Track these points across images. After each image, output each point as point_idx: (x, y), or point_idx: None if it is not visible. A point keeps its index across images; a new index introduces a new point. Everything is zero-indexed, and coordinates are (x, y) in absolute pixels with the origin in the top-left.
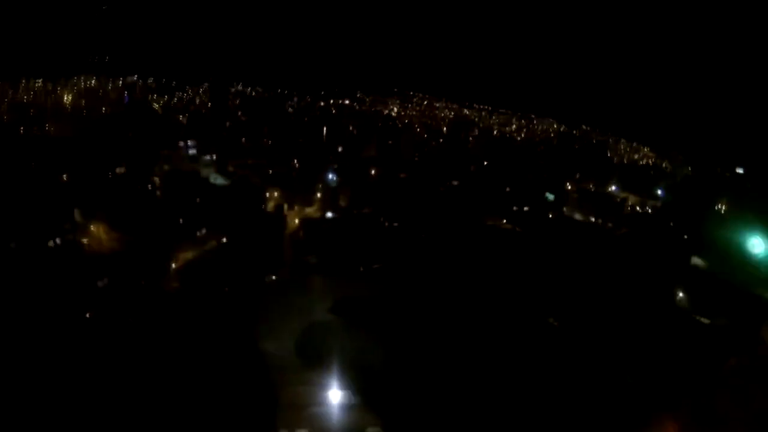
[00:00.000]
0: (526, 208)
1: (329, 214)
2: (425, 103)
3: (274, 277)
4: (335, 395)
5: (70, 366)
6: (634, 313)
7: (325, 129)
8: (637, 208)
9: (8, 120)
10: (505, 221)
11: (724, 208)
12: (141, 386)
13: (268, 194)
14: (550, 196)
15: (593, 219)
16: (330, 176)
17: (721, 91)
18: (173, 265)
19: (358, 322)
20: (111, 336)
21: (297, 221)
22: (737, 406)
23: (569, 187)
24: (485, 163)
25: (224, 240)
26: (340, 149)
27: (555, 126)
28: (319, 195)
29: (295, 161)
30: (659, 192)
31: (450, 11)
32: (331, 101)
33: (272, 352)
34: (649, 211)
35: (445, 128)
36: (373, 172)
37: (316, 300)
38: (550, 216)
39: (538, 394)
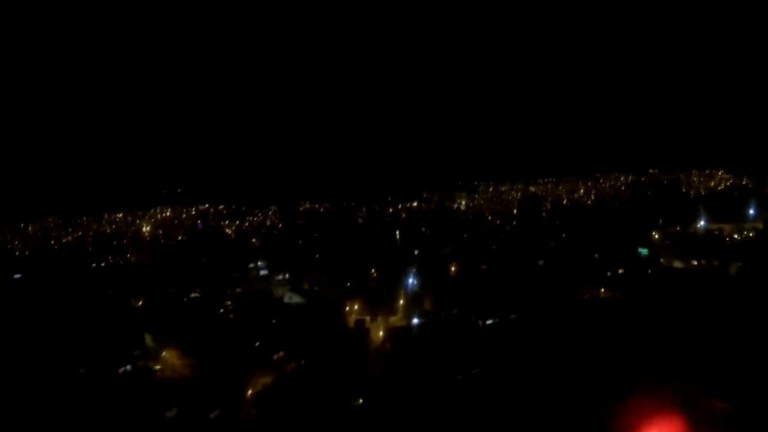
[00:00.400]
0: (620, 271)
1: (416, 321)
2: (490, 189)
3: (361, 400)
4: None
5: None
6: None
7: (398, 233)
8: (736, 236)
9: (92, 251)
10: (603, 290)
11: None
12: None
13: (347, 308)
14: (643, 251)
15: (696, 262)
16: (410, 280)
17: None
18: (249, 391)
19: None
20: None
21: (382, 333)
22: None
23: (657, 236)
24: (563, 235)
25: (303, 362)
26: (416, 252)
27: (622, 179)
28: (401, 302)
29: (373, 270)
30: (751, 212)
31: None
32: (399, 206)
33: None
34: (751, 235)
35: (515, 210)
36: (453, 269)
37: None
38: (649, 272)
39: None
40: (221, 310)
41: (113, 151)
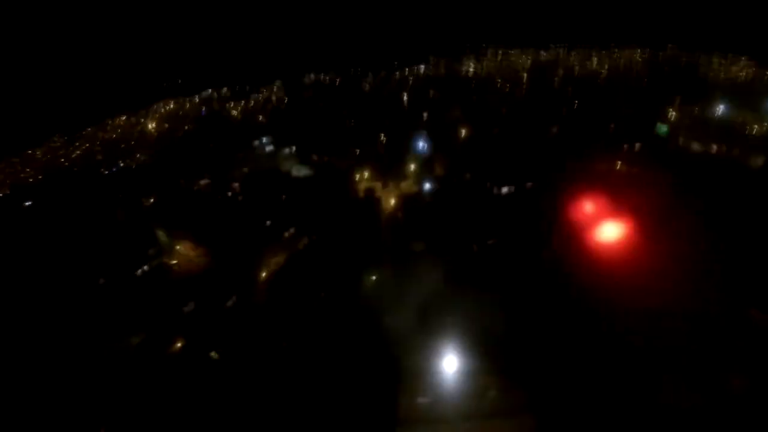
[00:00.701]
0: (637, 145)
1: (427, 186)
2: (500, 53)
3: (374, 276)
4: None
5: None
6: None
7: (405, 97)
8: (757, 128)
9: (102, 159)
10: (619, 163)
11: None
12: None
13: (357, 176)
14: (663, 128)
15: (715, 148)
16: (420, 144)
17: None
18: (264, 274)
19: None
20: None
21: (393, 201)
22: None
23: (675, 114)
24: (576, 103)
25: (315, 237)
26: (424, 116)
27: (639, 52)
28: (412, 167)
29: (382, 136)
30: None
31: None
32: (406, 71)
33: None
34: None
35: (524, 76)
36: (463, 132)
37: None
38: (667, 150)
39: None
40: (229, 194)
41: (106, 53)
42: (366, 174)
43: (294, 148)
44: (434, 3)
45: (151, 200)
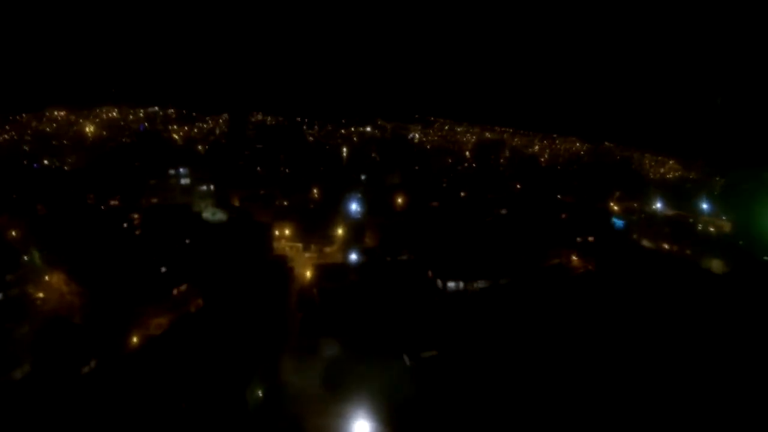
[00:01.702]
0: (590, 239)
1: (353, 257)
2: (446, 127)
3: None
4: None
5: None
6: None
7: (344, 152)
8: (710, 229)
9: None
10: (574, 258)
11: None
12: None
13: (277, 232)
14: (618, 223)
15: (667, 246)
16: (353, 206)
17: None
18: (135, 339)
19: None
20: None
21: (310, 274)
22: None
23: (616, 208)
24: (518, 186)
25: (209, 302)
26: (363, 177)
27: (578, 144)
28: (340, 231)
29: (315, 190)
30: (705, 206)
31: (463, 36)
32: (352, 129)
33: None
34: (725, 231)
35: (467, 153)
36: (400, 200)
37: None
38: (623, 247)
39: None
40: (125, 225)
41: (65, 39)
42: (287, 231)
43: (212, 186)
44: (390, 68)
45: (44, 211)
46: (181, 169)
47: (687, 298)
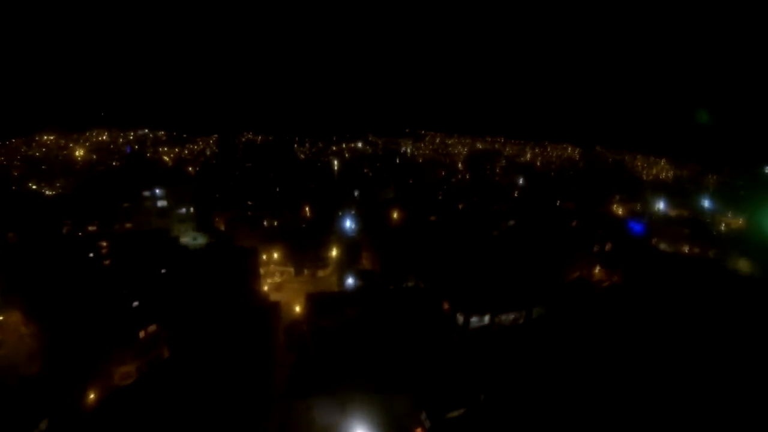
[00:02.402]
0: (607, 247)
1: (350, 282)
2: (437, 140)
3: None
4: None
5: None
6: None
7: (336, 166)
8: (723, 227)
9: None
10: (597, 270)
11: None
12: None
13: (264, 256)
14: (637, 227)
15: (687, 249)
16: (347, 224)
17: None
18: (93, 395)
19: None
20: None
21: (299, 307)
22: None
23: (620, 211)
24: (516, 195)
25: (179, 347)
26: (356, 193)
27: (569, 150)
28: (335, 252)
29: (306, 209)
30: (707, 204)
31: (448, 50)
32: (344, 145)
33: None
34: (744, 228)
35: (460, 164)
36: (395, 215)
37: None
38: (644, 253)
39: None
40: (91, 254)
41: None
42: (276, 255)
43: (192, 208)
44: (379, 84)
45: (15, 240)
46: (157, 191)
47: (727, 304)
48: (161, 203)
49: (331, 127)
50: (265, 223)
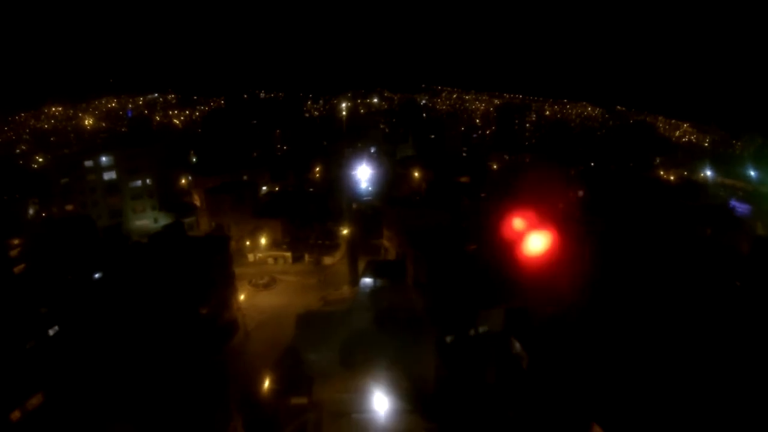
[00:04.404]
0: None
1: (367, 283)
2: (454, 96)
3: None
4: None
5: None
6: None
7: (349, 121)
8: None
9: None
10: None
11: None
12: None
13: (248, 242)
14: (741, 207)
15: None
16: (363, 190)
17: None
18: None
19: None
20: None
21: (295, 321)
22: None
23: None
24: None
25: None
26: (372, 150)
27: (589, 109)
28: (346, 230)
29: (316, 169)
30: (752, 173)
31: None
32: (359, 101)
33: None
34: None
35: (477, 120)
36: (416, 174)
37: None
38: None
39: None
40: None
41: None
42: (262, 240)
43: (149, 179)
44: (393, 39)
45: None
46: (103, 158)
47: None
48: (109, 175)
49: (345, 83)
50: (264, 188)
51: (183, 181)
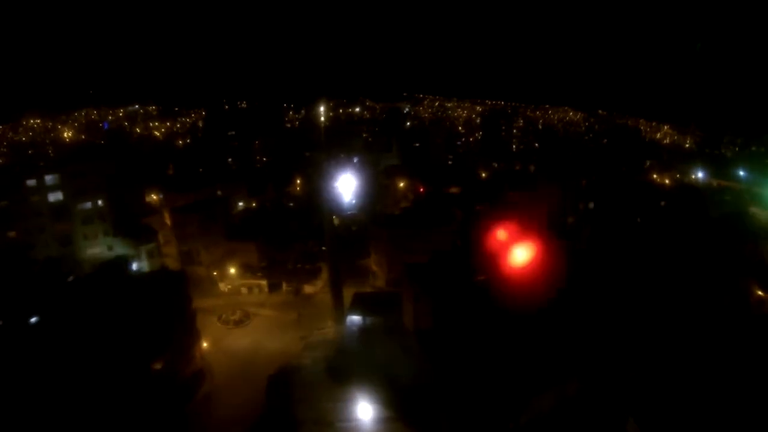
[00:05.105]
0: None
1: (355, 321)
2: (436, 104)
3: None
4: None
5: None
6: None
7: (331, 131)
8: None
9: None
10: (757, 290)
11: None
12: None
13: (216, 272)
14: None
15: None
16: (347, 203)
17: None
18: None
19: None
20: None
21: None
22: None
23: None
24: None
25: None
26: (355, 160)
27: (571, 114)
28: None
29: (297, 182)
30: (741, 173)
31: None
32: (340, 110)
33: None
34: None
35: (460, 127)
36: (401, 184)
37: None
38: None
39: None
40: None
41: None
42: (232, 270)
43: (101, 201)
44: (374, 48)
45: None
46: (48, 177)
47: None
48: (55, 196)
49: (326, 93)
50: (240, 204)
51: (154, 197)
